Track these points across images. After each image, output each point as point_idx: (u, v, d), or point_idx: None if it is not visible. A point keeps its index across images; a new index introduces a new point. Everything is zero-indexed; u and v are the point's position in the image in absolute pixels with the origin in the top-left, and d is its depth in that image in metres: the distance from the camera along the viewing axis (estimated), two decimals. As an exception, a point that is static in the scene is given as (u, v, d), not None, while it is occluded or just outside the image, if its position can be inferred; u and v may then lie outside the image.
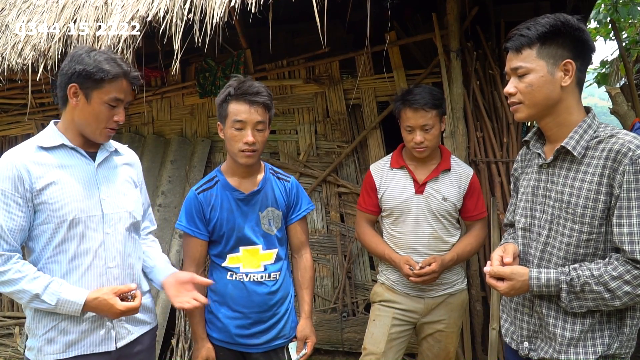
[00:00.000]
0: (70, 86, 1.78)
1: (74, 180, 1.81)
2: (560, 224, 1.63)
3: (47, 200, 1.75)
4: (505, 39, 1.66)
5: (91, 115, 1.80)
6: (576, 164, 1.61)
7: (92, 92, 1.78)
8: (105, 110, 1.80)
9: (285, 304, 2.22)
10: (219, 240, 2.16)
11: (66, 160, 1.83)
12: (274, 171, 2.26)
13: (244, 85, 2.04)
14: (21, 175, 1.72)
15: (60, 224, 1.77)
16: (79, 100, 1.80)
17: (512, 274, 1.62)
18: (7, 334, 4.56)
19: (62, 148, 1.84)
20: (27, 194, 1.73)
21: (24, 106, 4.34)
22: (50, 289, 1.70)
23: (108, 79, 1.77)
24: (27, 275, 1.71)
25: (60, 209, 1.76)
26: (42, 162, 1.77)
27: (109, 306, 1.74)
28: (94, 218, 1.83)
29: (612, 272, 1.50)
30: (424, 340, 2.60)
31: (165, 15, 2.76)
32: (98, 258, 1.83)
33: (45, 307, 1.71)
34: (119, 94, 1.82)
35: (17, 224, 1.72)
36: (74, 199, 1.79)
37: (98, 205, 1.84)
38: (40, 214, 1.76)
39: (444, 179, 2.48)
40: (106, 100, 1.79)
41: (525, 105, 1.63)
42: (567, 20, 1.56)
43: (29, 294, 1.69)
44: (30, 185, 1.73)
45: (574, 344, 1.60)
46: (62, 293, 1.71)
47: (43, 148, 1.81)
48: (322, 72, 3.85)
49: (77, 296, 1.72)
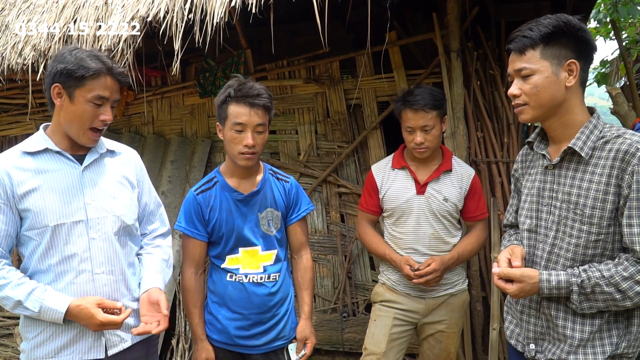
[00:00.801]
0: (53, 86, 1.75)
1: (56, 185, 1.76)
2: (567, 225, 1.63)
3: (29, 207, 1.72)
4: (508, 41, 1.65)
5: (75, 116, 1.75)
6: (583, 164, 1.60)
7: (75, 91, 1.72)
8: (89, 109, 1.74)
9: (285, 305, 2.21)
10: (218, 241, 2.16)
11: (49, 165, 1.78)
12: (273, 172, 2.26)
13: (245, 87, 2.02)
14: (3, 181, 1.70)
15: (43, 231, 1.73)
16: (62, 101, 1.75)
17: (522, 277, 1.61)
18: (7, 334, 4.56)
19: (47, 152, 1.80)
20: (11, 200, 1.71)
21: (24, 106, 4.35)
22: (34, 296, 1.67)
23: (89, 75, 1.71)
24: (11, 281, 1.68)
25: (42, 215, 1.73)
26: (24, 168, 1.74)
27: (90, 316, 1.68)
28: (78, 224, 1.78)
29: (623, 273, 1.50)
30: (424, 340, 2.60)
31: (165, 15, 2.76)
32: (84, 265, 1.78)
33: (29, 313, 1.68)
34: (102, 91, 1.75)
35: (3, 229, 1.70)
36: (55, 205, 1.75)
37: (82, 210, 1.79)
38: (24, 220, 1.74)
39: (445, 179, 2.47)
40: (89, 99, 1.73)
41: (530, 106, 1.62)
42: (569, 21, 1.55)
43: (12, 301, 1.66)
44: (12, 190, 1.71)
45: (584, 344, 1.61)
46: (45, 300, 1.67)
47: (27, 153, 1.77)
48: (322, 72, 3.84)
49: (60, 304, 1.68)
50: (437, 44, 3.31)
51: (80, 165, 1.83)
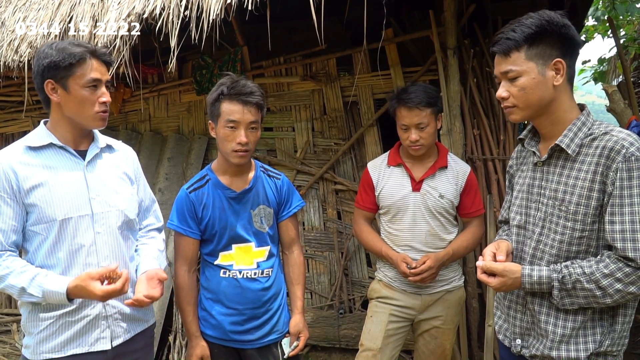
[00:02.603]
0: (46, 83, 1.76)
1: (62, 180, 1.79)
2: (553, 221, 1.63)
3: (36, 202, 1.74)
4: (492, 43, 1.64)
5: (77, 104, 1.78)
6: (570, 161, 1.60)
7: (68, 81, 1.75)
8: (87, 94, 1.77)
9: (278, 300, 2.23)
10: (211, 239, 2.16)
11: (54, 160, 1.81)
12: (264, 169, 2.26)
13: (237, 84, 2.02)
14: (8, 177, 1.72)
15: (50, 226, 1.76)
16: (59, 95, 1.78)
17: (504, 271, 1.62)
18: (4, 330, 4.57)
19: (51, 147, 1.82)
20: (17, 194, 1.73)
21: (21, 103, 4.33)
22: (36, 282, 1.69)
23: (76, 61, 1.74)
24: (14, 270, 1.70)
25: (50, 210, 1.75)
26: (30, 163, 1.76)
27: (88, 292, 1.66)
28: (84, 218, 1.81)
29: (603, 270, 1.50)
30: (420, 336, 2.61)
31: (161, 12, 2.75)
32: (90, 258, 1.82)
33: (34, 300, 1.70)
34: (93, 74, 1.78)
35: (8, 224, 1.72)
36: (62, 199, 1.77)
37: (87, 204, 1.82)
38: (30, 215, 1.76)
39: (440, 176, 2.48)
40: (84, 84, 1.76)
41: (519, 108, 1.62)
42: (551, 18, 1.54)
43: (16, 289, 1.69)
44: (17, 185, 1.72)
45: (565, 340, 1.61)
46: (45, 284, 1.69)
47: (31, 148, 1.79)
48: (319, 69, 3.84)
49: (59, 285, 1.69)
50: (434, 41, 3.31)
51: (83, 160, 1.86)
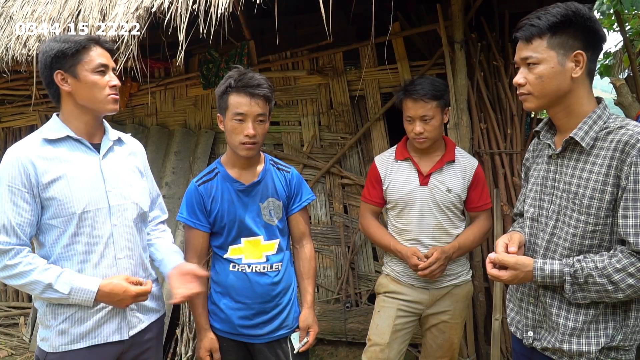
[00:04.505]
0: (55, 74, 1.79)
1: (79, 173, 1.81)
2: (567, 214, 1.63)
3: (55, 195, 1.76)
4: (515, 28, 1.63)
5: (88, 89, 1.81)
6: (585, 154, 1.59)
7: (77, 68, 1.79)
8: (97, 79, 1.81)
9: (287, 295, 2.23)
10: (220, 232, 2.17)
11: (71, 154, 1.83)
12: (274, 162, 2.27)
13: (245, 77, 2.03)
14: (27, 170, 1.73)
15: (70, 219, 1.78)
16: (69, 84, 1.80)
17: (516, 264, 1.62)
18: (12, 323, 4.60)
19: (68, 140, 1.84)
20: (34, 189, 1.74)
21: (28, 97, 4.35)
22: (63, 278, 1.72)
23: (82, 48, 1.79)
24: (38, 266, 1.72)
25: (69, 203, 1.77)
26: (48, 157, 1.78)
27: (123, 290, 1.76)
28: (101, 210, 1.84)
29: (616, 265, 1.49)
30: (427, 331, 2.61)
31: (169, 6, 2.75)
32: (108, 250, 1.85)
33: (58, 296, 1.72)
34: (100, 59, 1.82)
35: (25, 218, 1.73)
36: (81, 192, 1.79)
37: (104, 197, 1.85)
38: (48, 208, 1.77)
39: (448, 170, 2.48)
40: (92, 69, 1.80)
41: (534, 96, 1.61)
42: (578, 10, 1.53)
43: (41, 285, 1.71)
44: (36, 179, 1.74)
45: (577, 334, 1.61)
46: (75, 281, 1.73)
47: (48, 141, 1.81)
48: (325, 63, 3.83)
49: (90, 284, 1.74)
50: (441, 35, 3.31)
51: (98, 153, 1.89)
